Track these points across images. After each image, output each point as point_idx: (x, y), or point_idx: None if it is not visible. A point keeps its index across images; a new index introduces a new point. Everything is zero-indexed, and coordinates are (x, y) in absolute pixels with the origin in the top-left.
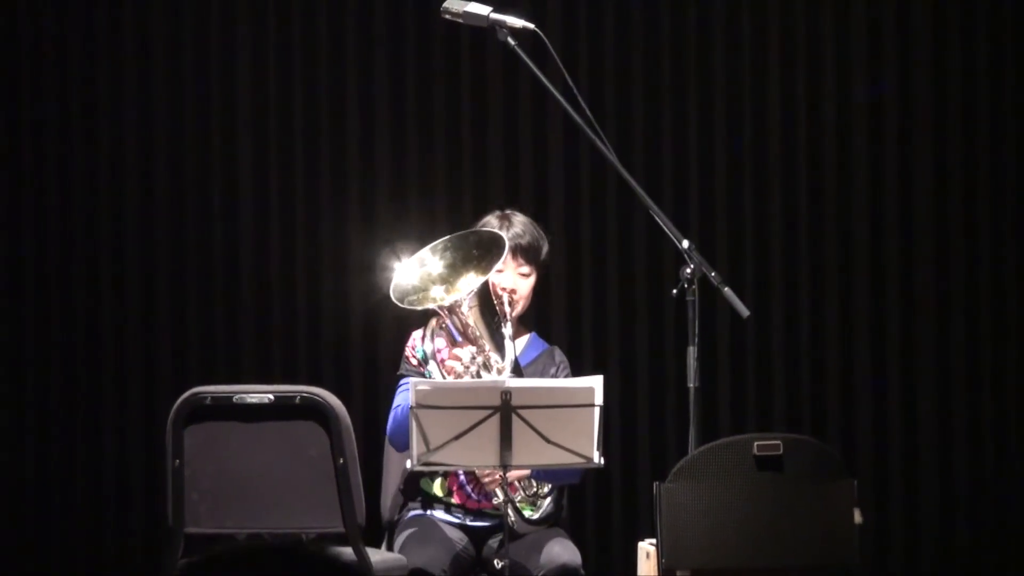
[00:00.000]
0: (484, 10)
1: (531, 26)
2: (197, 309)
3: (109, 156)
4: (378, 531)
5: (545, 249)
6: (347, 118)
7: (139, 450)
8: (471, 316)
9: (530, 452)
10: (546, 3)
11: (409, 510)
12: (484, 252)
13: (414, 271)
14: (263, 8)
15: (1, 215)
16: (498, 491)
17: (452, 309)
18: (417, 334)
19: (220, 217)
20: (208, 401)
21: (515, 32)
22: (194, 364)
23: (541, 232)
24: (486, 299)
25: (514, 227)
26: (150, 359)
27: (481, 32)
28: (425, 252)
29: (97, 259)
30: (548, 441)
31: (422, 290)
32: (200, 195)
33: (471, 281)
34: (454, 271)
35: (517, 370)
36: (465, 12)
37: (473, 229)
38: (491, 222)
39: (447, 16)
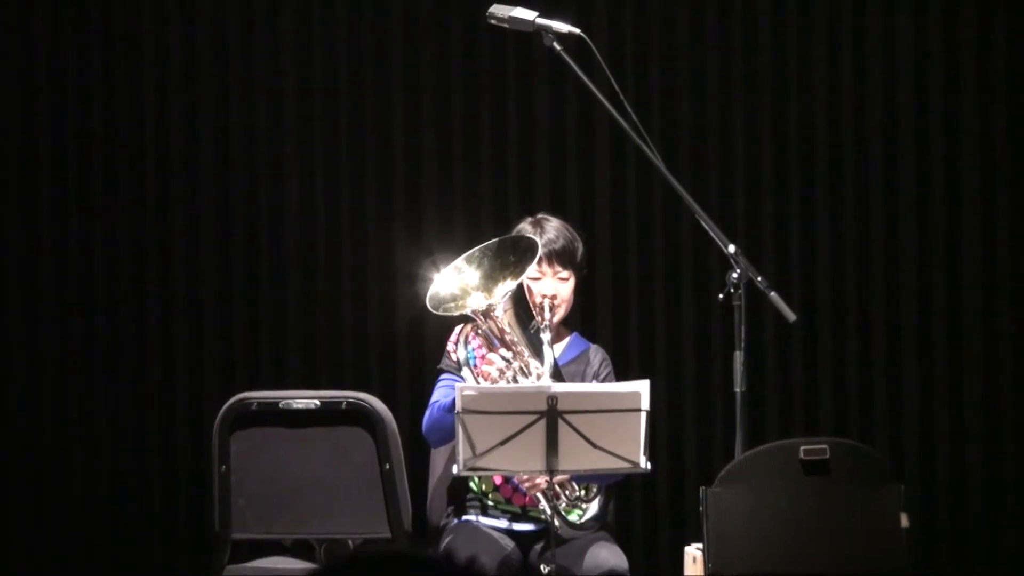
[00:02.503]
0: (530, 15)
1: (577, 31)
2: (244, 315)
3: (155, 167)
4: (424, 536)
5: (581, 251)
6: (392, 122)
7: (186, 456)
8: (506, 321)
9: (576, 457)
10: (592, 8)
11: (455, 516)
12: (519, 257)
13: (452, 280)
14: (308, 15)
15: (48, 225)
16: (540, 497)
17: (487, 314)
18: (459, 328)
19: (266, 223)
20: (254, 407)
21: (561, 37)
22: (240, 370)
23: (575, 234)
24: (522, 304)
25: (547, 232)
26: (197, 365)
27: (527, 37)
28: (461, 261)
29: (144, 267)
30: (595, 446)
31: (460, 298)
32: (247, 201)
33: (507, 285)
34: (491, 278)
35: (557, 375)
36: (511, 17)
37: (507, 236)
38: (525, 228)
39: (492, 21)
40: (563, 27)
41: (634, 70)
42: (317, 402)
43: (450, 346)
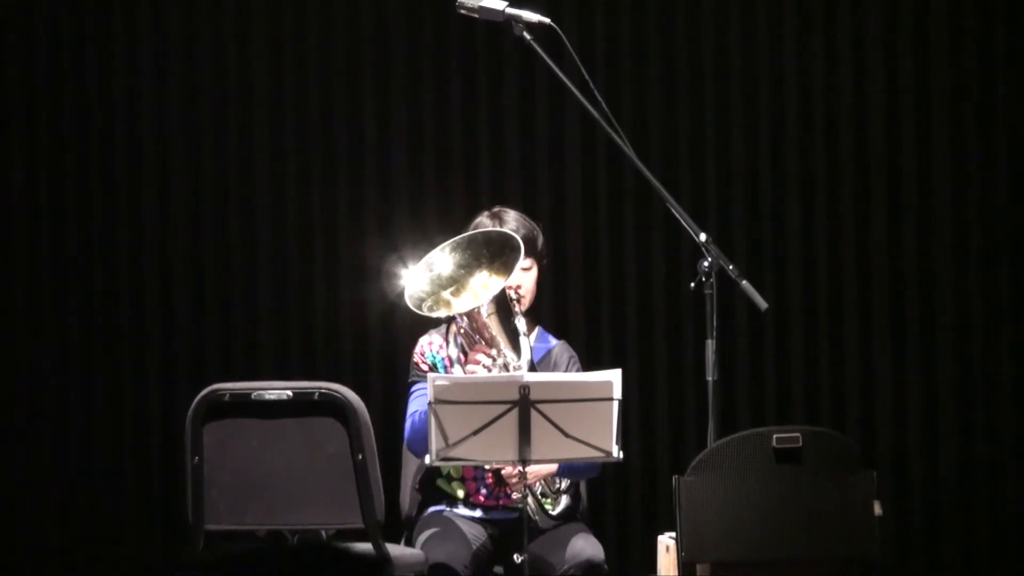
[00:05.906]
0: (500, 5)
1: (547, 21)
2: (216, 306)
3: (127, 157)
4: (397, 527)
5: (541, 240)
6: (363, 114)
7: (159, 447)
8: (492, 321)
9: (549, 446)
10: None
11: (429, 506)
12: (497, 253)
13: (423, 276)
14: (278, 5)
15: (21, 216)
16: (526, 490)
17: (471, 315)
18: (424, 340)
19: (238, 215)
20: (227, 398)
21: (531, 27)
22: (213, 361)
23: (533, 223)
24: (501, 300)
25: (508, 224)
26: (169, 356)
27: (497, 27)
28: (434, 255)
29: (116, 258)
30: (567, 435)
31: (433, 294)
32: (218, 192)
33: (486, 282)
34: (465, 273)
35: (532, 369)
36: (481, 7)
37: (481, 230)
38: (483, 222)
39: (463, 11)
40: (533, 17)
41: (604, 59)
42: (289, 393)
43: (417, 358)
